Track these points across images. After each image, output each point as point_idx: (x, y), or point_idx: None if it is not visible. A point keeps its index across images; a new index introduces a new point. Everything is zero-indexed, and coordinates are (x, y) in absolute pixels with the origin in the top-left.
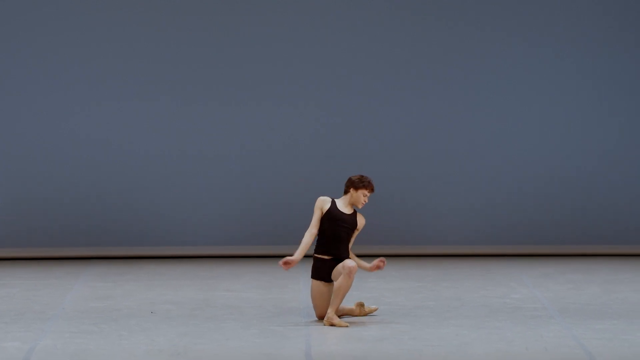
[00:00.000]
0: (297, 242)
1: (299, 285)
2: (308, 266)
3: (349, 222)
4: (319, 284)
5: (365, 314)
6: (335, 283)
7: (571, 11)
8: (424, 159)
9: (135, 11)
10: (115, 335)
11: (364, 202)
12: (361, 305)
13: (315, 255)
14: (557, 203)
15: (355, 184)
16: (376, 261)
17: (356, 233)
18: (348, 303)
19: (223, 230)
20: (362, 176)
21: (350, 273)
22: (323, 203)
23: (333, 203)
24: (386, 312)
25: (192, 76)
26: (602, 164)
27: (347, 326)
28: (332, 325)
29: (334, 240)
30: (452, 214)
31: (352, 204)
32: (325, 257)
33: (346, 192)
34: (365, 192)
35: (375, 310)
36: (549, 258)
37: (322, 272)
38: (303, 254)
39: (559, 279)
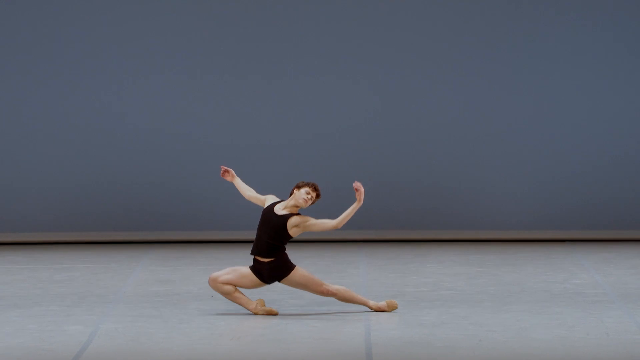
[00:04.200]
0: (356, 226)
1: (358, 269)
2: (368, 250)
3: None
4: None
5: (260, 313)
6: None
7: None
8: (485, 141)
9: None
10: (175, 320)
11: (305, 200)
12: (261, 303)
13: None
14: (619, 187)
15: (298, 184)
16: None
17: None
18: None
19: None
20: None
21: (328, 293)
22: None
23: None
24: (446, 298)
25: (255, 65)
26: None
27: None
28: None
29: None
30: (513, 199)
31: (294, 205)
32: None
33: (290, 194)
34: (308, 189)
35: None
36: (611, 243)
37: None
38: (241, 188)
39: (621, 264)
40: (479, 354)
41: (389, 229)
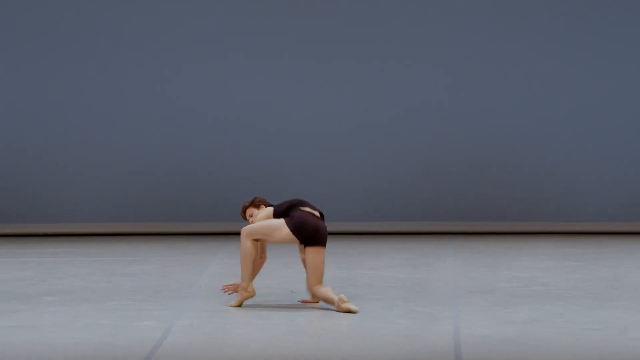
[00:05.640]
0: (443, 217)
1: (446, 264)
2: (456, 243)
3: None
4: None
5: (342, 310)
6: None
7: None
8: (582, 127)
9: None
10: (253, 315)
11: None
12: (342, 300)
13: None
14: None
15: None
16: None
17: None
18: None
19: (365, 205)
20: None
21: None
22: None
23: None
24: (539, 293)
25: (321, 49)
26: None
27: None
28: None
29: None
30: (611, 188)
31: None
32: None
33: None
34: (246, 219)
35: (355, 311)
36: None
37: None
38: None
39: None
40: (576, 354)
41: (479, 220)
